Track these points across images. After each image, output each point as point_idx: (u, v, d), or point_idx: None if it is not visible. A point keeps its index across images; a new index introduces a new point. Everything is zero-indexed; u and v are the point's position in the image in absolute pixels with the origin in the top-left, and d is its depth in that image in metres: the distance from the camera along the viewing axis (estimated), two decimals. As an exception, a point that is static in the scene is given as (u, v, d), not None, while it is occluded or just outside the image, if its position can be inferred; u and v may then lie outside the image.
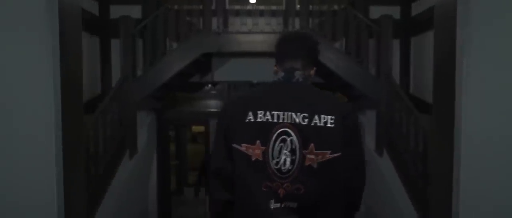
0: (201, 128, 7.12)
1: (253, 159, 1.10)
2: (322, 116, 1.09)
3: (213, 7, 4.24)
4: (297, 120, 1.09)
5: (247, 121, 1.11)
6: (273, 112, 1.10)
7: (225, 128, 1.15)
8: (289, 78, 1.17)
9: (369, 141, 4.32)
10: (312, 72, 1.24)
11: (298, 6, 4.40)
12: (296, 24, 4.25)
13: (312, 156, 1.07)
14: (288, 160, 1.08)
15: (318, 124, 1.08)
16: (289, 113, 1.10)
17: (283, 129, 1.09)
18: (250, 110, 1.12)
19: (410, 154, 3.46)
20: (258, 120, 1.10)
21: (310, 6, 4.32)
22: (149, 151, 4.70)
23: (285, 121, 1.09)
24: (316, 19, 4.35)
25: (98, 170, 3.34)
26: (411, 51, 4.93)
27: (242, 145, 1.10)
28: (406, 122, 3.55)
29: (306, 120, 1.09)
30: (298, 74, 1.17)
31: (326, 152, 1.08)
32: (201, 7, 4.18)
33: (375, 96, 4.10)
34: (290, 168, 1.08)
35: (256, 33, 4.17)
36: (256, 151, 1.09)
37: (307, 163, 1.08)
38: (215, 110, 5.53)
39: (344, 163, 1.10)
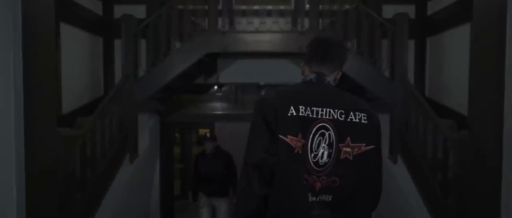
0: (208, 131, 6.93)
1: (296, 151, 1.12)
2: (357, 113, 1.16)
3: (219, 7, 4.03)
4: (335, 116, 1.14)
5: (289, 114, 1.14)
6: (313, 108, 1.15)
7: (268, 120, 1.14)
8: (321, 81, 1.22)
9: (383, 146, 4.03)
10: (338, 76, 1.29)
11: (308, 6, 4.16)
12: (306, 23, 4.00)
13: (348, 149, 1.13)
14: (326, 153, 1.13)
15: (354, 120, 1.15)
16: (328, 109, 1.15)
17: (322, 124, 1.14)
18: (291, 104, 1.15)
19: (428, 161, 3.17)
20: (300, 114, 1.14)
21: (320, 6, 4.06)
22: (151, 154, 4.50)
23: (324, 116, 1.14)
24: (326, 19, 4.09)
25: (95, 174, 3.15)
26: (426, 52, 4.63)
27: (288, 136, 1.12)
28: (424, 127, 3.26)
29: (343, 116, 1.15)
30: (328, 79, 1.23)
31: (362, 144, 1.14)
32: (206, 7, 3.97)
33: (388, 99, 3.82)
34: (326, 161, 1.13)
35: (263, 33, 3.94)
36: (298, 143, 1.12)
37: (342, 156, 1.13)
38: (221, 112, 5.31)
39: (377, 155, 1.18)
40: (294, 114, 1.14)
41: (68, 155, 2.66)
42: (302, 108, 1.15)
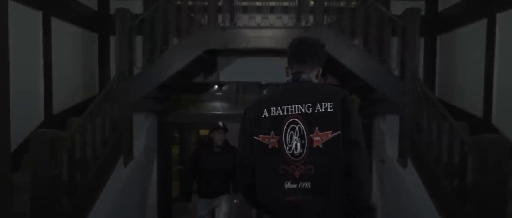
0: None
1: (270, 146, 1.29)
2: (323, 103, 1.26)
3: (220, 3, 3.78)
4: (303, 110, 1.27)
5: (263, 116, 1.31)
6: (283, 106, 1.29)
7: (247, 126, 1.35)
8: (297, 79, 1.36)
9: (391, 149, 3.79)
10: (318, 72, 1.42)
11: (312, 2, 3.90)
12: (310, 19, 3.75)
13: (318, 138, 1.24)
14: (299, 144, 1.25)
15: (320, 110, 1.26)
16: (296, 105, 1.28)
17: (292, 119, 1.27)
18: (265, 107, 1.32)
19: (442, 166, 2.92)
20: (272, 114, 1.30)
21: (326, 3, 3.79)
22: (148, 156, 4.26)
23: (293, 112, 1.28)
24: (332, 16, 3.82)
25: (85, 178, 2.91)
26: (437, 51, 4.38)
27: (260, 136, 1.30)
28: (438, 129, 3.01)
29: (310, 109, 1.26)
30: (303, 76, 1.36)
31: (328, 132, 1.23)
32: (206, 3, 3.73)
33: (398, 99, 3.57)
34: (301, 151, 1.25)
35: (265, 28, 3.70)
36: (272, 140, 1.28)
37: (314, 144, 1.24)
38: (221, 112, 5.07)
39: (343, 139, 1.24)
40: (267, 115, 1.31)
41: (53, 157, 2.43)
42: (273, 109, 1.30)
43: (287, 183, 1.25)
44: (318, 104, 1.26)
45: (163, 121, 4.62)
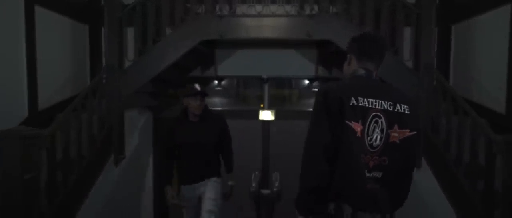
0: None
1: (357, 134, 1.30)
2: (402, 104, 1.35)
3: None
4: (385, 106, 1.33)
5: (351, 104, 1.30)
6: (369, 99, 1.32)
7: (335, 108, 1.30)
8: (370, 76, 1.41)
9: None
10: (377, 71, 1.46)
11: None
12: (315, 7, 3.41)
13: (396, 134, 1.32)
14: (379, 137, 1.31)
15: (400, 111, 1.34)
16: (380, 101, 1.33)
17: (376, 113, 1.32)
18: (352, 95, 1.31)
19: (464, 167, 2.58)
20: (360, 104, 1.31)
21: None
22: (142, 154, 3.96)
23: (377, 106, 1.32)
24: (339, 6, 3.43)
25: (68, 179, 2.61)
26: (451, 41, 4.02)
27: (352, 122, 1.29)
28: (458, 126, 2.67)
29: (391, 107, 1.34)
30: (374, 75, 1.43)
31: (406, 130, 1.33)
32: None
33: (411, 92, 3.22)
34: (379, 143, 1.31)
35: (266, 17, 3.36)
36: (359, 128, 1.30)
37: (391, 140, 1.32)
38: (220, 108, 4.75)
39: (418, 140, 1.35)
40: (355, 103, 1.29)
41: (26, 158, 2.13)
42: (360, 99, 1.30)
43: (365, 171, 1.30)
44: (398, 104, 1.34)
45: (159, 117, 4.31)
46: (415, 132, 1.33)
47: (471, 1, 3.69)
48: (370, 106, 1.30)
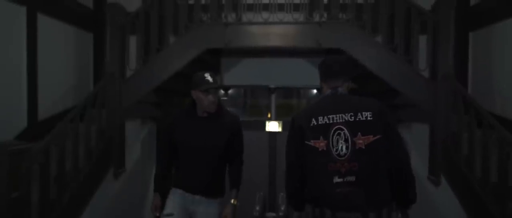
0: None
1: (320, 149, 1.49)
2: (363, 112, 1.48)
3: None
4: (346, 118, 1.48)
5: (311, 125, 1.51)
6: (329, 116, 1.50)
7: (297, 132, 1.53)
8: (334, 93, 1.58)
9: (419, 163, 3.19)
10: (350, 84, 1.62)
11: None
12: (324, 14, 3.22)
13: (361, 141, 1.45)
14: (344, 146, 1.46)
15: (362, 119, 1.47)
16: (340, 115, 1.49)
17: (337, 126, 1.48)
18: (313, 117, 1.52)
19: (490, 187, 2.32)
20: (319, 123, 1.51)
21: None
22: (144, 167, 3.79)
23: (338, 121, 1.49)
24: (350, 13, 3.19)
25: (62, 196, 2.44)
26: (469, 49, 3.77)
27: (311, 140, 1.50)
28: (483, 141, 2.41)
29: (352, 117, 1.48)
30: (340, 90, 1.58)
31: (370, 136, 1.46)
32: (204, 1, 3.23)
33: (428, 105, 2.99)
34: (346, 152, 1.46)
35: (274, 24, 3.18)
36: (321, 144, 1.48)
37: (357, 146, 1.45)
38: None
39: (389, 144, 1.47)
40: (315, 123, 1.51)
41: (17, 175, 1.96)
42: (320, 118, 1.51)
43: (335, 178, 1.45)
44: (359, 114, 1.48)
45: (163, 128, 4.14)
46: (380, 136, 1.45)
47: (490, 7, 3.45)
48: (330, 122, 1.49)
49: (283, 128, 4.22)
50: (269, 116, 4.41)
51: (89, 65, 4.01)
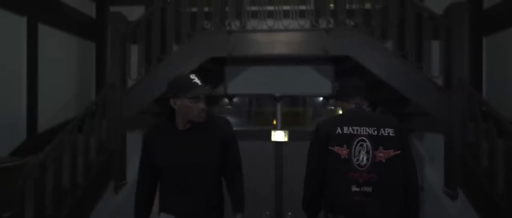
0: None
1: (342, 157, 1.58)
2: (386, 129, 1.60)
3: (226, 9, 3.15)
4: (369, 132, 1.59)
5: (336, 133, 1.61)
6: (354, 127, 1.61)
7: (323, 138, 1.62)
8: (359, 108, 1.71)
9: (433, 175, 3.01)
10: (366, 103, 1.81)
11: (332, 5, 3.21)
12: (331, 21, 3.09)
13: (381, 154, 1.56)
14: (365, 157, 1.56)
15: (384, 134, 1.59)
16: (364, 128, 1.61)
17: (361, 138, 1.59)
18: (338, 126, 1.63)
19: (515, 204, 2.14)
20: (344, 132, 1.60)
21: (347, 5, 3.09)
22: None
23: (362, 132, 1.59)
24: (358, 19, 3.07)
25: (59, 212, 2.32)
26: (483, 55, 3.60)
27: (335, 147, 1.60)
28: (506, 154, 2.23)
29: (375, 132, 1.60)
30: (364, 107, 1.72)
31: (390, 150, 1.57)
32: (207, 8, 3.13)
33: (442, 114, 2.82)
34: (366, 163, 1.57)
35: (279, 31, 3.06)
36: (344, 151, 1.58)
37: (377, 159, 1.56)
38: (234, 128, 4.40)
39: (404, 159, 1.58)
40: (340, 132, 1.61)
41: (9, 192, 1.85)
42: (345, 128, 1.61)
43: (353, 187, 1.53)
44: (382, 129, 1.58)
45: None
46: (400, 151, 1.56)
47: (504, 11, 3.29)
48: (355, 133, 1.58)
49: (289, 138, 4.08)
50: (274, 122, 4.27)
51: (91, 75, 3.93)
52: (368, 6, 3.13)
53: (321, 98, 4.59)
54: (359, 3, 2.98)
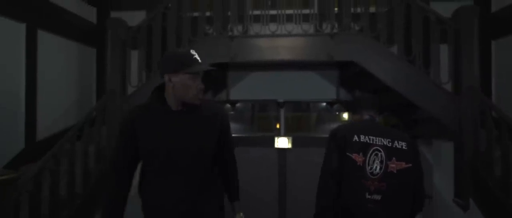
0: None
1: (358, 164, 1.61)
2: (400, 141, 1.64)
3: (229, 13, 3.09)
4: (384, 143, 1.64)
5: (354, 140, 1.63)
6: (370, 136, 1.65)
7: (340, 143, 1.63)
8: (373, 120, 1.77)
9: (442, 183, 2.90)
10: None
11: (336, 9, 3.13)
12: (335, 25, 3.01)
13: (394, 165, 1.60)
14: (378, 167, 1.60)
15: (398, 147, 1.63)
16: (379, 138, 1.65)
17: (375, 147, 1.63)
18: (355, 133, 1.65)
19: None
20: (361, 140, 1.63)
21: (352, 9, 3.00)
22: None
23: (377, 142, 1.64)
24: (363, 23, 2.99)
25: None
26: (492, 59, 3.49)
27: (353, 154, 1.61)
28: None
29: (390, 143, 1.64)
30: (377, 119, 1.79)
31: (403, 162, 1.61)
32: (209, 13, 3.07)
33: (451, 120, 2.72)
34: (378, 171, 1.60)
35: (282, 37, 2.98)
36: (359, 159, 1.61)
37: (389, 169, 1.60)
38: (235, 134, 4.33)
39: (414, 171, 1.62)
40: (357, 140, 1.63)
41: (2, 206, 1.77)
42: (362, 136, 1.64)
43: (366, 194, 1.58)
44: (396, 141, 1.64)
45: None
46: (411, 165, 1.60)
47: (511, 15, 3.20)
48: (370, 142, 1.62)
49: (293, 144, 3.98)
50: (278, 125, 4.18)
51: (92, 81, 3.88)
52: (373, 9, 3.04)
53: (325, 104, 4.50)
54: (364, 7, 2.90)
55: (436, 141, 3.14)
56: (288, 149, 4.02)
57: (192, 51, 1.37)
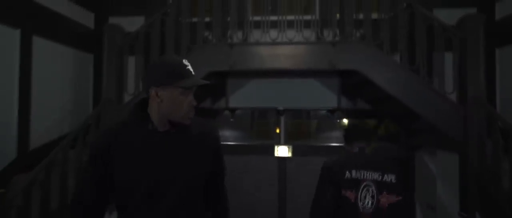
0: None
1: (352, 201, 1.65)
2: (389, 174, 1.67)
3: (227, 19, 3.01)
4: (374, 177, 1.67)
5: (345, 177, 1.68)
6: (361, 171, 1.68)
7: (335, 179, 1.68)
8: (363, 151, 1.77)
9: (446, 195, 2.81)
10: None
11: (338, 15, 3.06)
12: (337, 32, 2.94)
13: (384, 199, 1.64)
14: (370, 201, 1.64)
15: (387, 180, 1.66)
16: (370, 172, 1.68)
17: (366, 182, 1.66)
18: (347, 169, 1.69)
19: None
20: (353, 176, 1.68)
21: (354, 15, 2.92)
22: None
23: (368, 177, 1.67)
24: (365, 30, 2.91)
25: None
26: (496, 68, 3.42)
27: (347, 191, 1.66)
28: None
29: (380, 177, 1.67)
30: (367, 150, 1.78)
31: (393, 195, 1.65)
32: (208, 18, 3.00)
33: (456, 132, 2.63)
34: (370, 206, 1.64)
35: (283, 45, 2.91)
36: (352, 195, 1.66)
37: (380, 204, 1.64)
38: (233, 142, 4.24)
39: (405, 205, 1.65)
40: (349, 176, 1.68)
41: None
42: (354, 171, 1.69)
43: None
44: (386, 175, 1.67)
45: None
46: (401, 197, 1.63)
47: (519, 23, 3.13)
48: (361, 177, 1.66)
49: (293, 153, 3.89)
50: (278, 130, 4.09)
51: (88, 88, 3.79)
52: (375, 16, 2.97)
53: (325, 111, 4.42)
54: (366, 13, 2.83)
55: (440, 151, 3.05)
56: (288, 157, 3.93)
57: (185, 61, 1.16)
